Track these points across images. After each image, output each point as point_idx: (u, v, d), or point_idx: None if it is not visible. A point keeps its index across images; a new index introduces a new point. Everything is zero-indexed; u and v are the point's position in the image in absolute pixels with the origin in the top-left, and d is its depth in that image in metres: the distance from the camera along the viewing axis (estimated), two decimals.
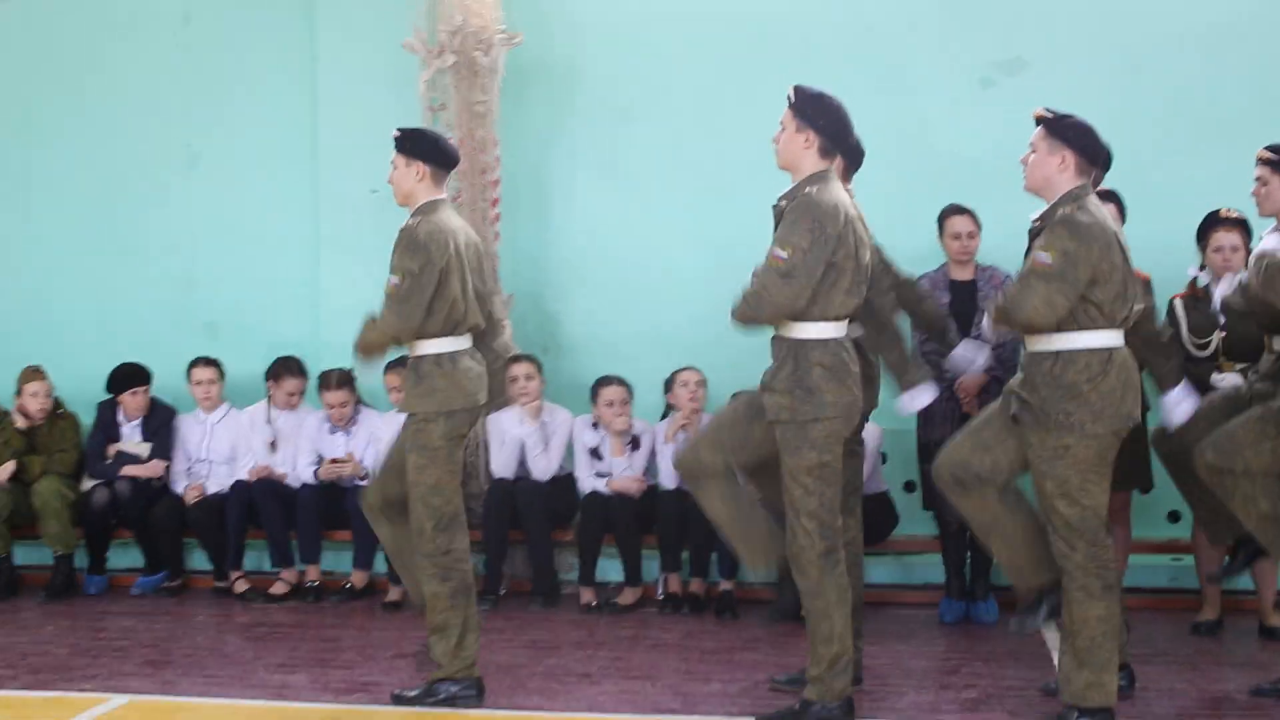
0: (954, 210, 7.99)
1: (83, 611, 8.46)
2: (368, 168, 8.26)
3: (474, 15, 8.41)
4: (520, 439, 8.48)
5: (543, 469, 8.45)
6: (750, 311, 5.78)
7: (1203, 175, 8.38)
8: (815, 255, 5.69)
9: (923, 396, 6.33)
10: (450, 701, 6.28)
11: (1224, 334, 7.38)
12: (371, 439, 8.66)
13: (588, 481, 8.40)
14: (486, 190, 8.60)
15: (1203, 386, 6.84)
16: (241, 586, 8.72)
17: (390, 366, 8.25)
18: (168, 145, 9.60)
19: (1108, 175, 6.13)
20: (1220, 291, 6.95)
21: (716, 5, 8.96)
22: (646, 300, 8.86)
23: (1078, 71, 8.66)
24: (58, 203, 9.75)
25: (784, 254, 5.68)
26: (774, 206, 5.89)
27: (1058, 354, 5.56)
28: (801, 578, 5.85)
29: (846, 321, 5.86)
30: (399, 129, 6.38)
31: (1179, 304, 7.60)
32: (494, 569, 8.43)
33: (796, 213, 5.72)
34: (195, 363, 9.04)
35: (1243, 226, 7.48)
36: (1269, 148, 6.36)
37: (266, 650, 7.47)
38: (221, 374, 9.08)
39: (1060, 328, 5.54)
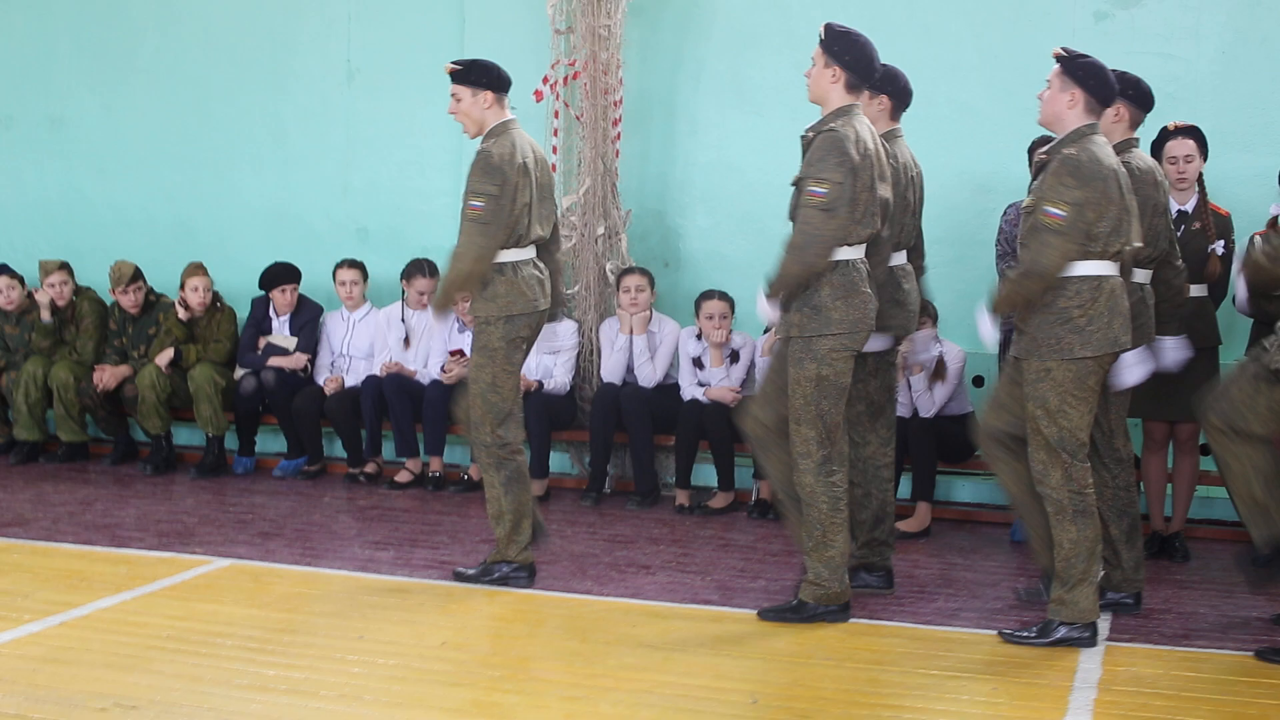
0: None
1: (226, 488, 9.25)
2: (523, 79, 8.86)
3: None
4: (629, 347, 8.93)
5: (648, 376, 8.92)
6: (798, 260, 6.10)
7: None
8: (848, 186, 6.03)
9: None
10: (503, 580, 6.83)
11: None
12: None
13: (689, 390, 8.82)
14: (609, 110, 9.05)
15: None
16: (371, 469, 9.36)
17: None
18: (330, 61, 10.23)
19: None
20: None
21: None
22: (763, 221, 9.18)
23: (1191, 4, 8.69)
24: (231, 112, 10.48)
25: (822, 190, 6.01)
26: (801, 137, 6.23)
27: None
28: (799, 485, 6.22)
29: (861, 246, 6.17)
30: (455, 62, 6.82)
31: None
32: (598, 468, 8.95)
33: (824, 148, 6.07)
34: (341, 264, 9.71)
35: (1196, 135, 7.53)
36: None
37: (369, 529, 8.13)
38: (365, 275, 9.72)
39: None
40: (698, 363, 8.87)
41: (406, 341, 9.49)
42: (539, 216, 6.75)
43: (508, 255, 6.65)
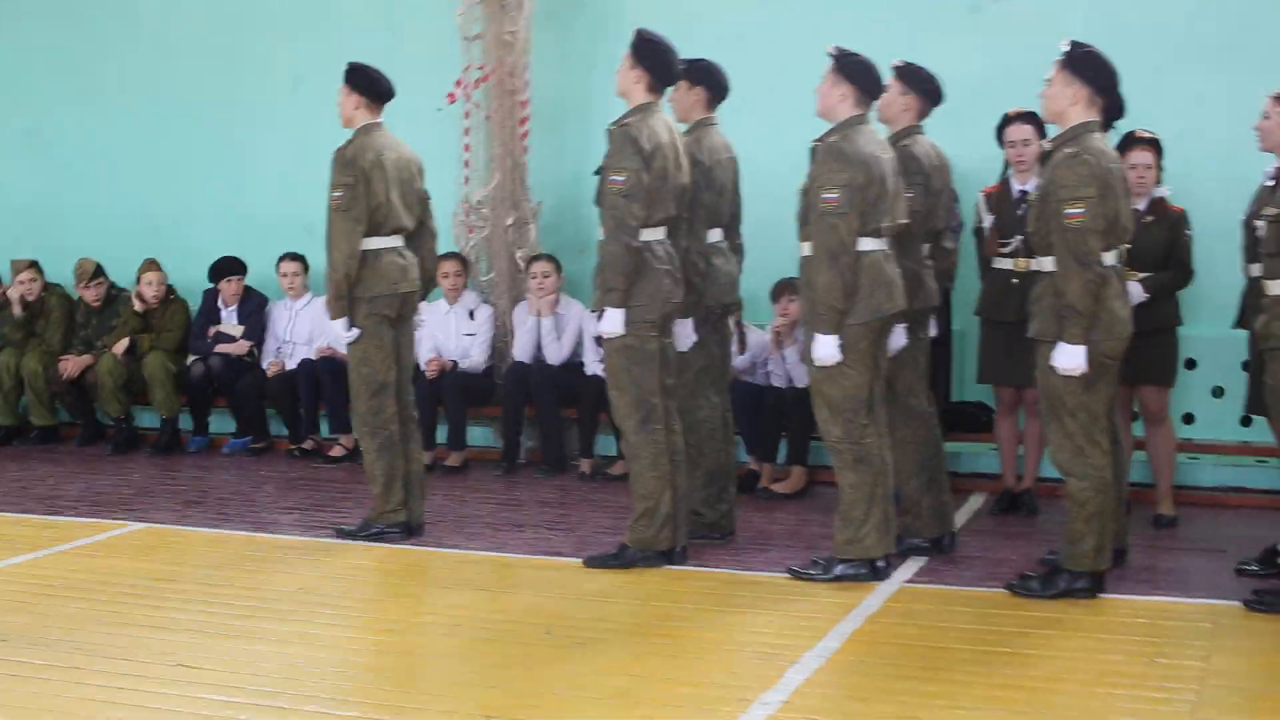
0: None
1: (177, 464, 10.08)
2: (428, 88, 9.77)
3: None
4: (537, 327, 9.65)
5: (555, 354, 9.63)
6: (614, 243, 6.76)
7: (1181, 96, 8.96)
8: (643, 174, 6.71)
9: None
10: (378, 536, 7.58)
11: (1129, 246, 8.00)
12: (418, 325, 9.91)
13: (592, 366, 9.52)
14: (515, 110, 9.78)
15: None
16: (309, 445, 10.16)
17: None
18: (276, 71, 11.03)
19: None
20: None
21: None
22: None
23: (1057, 2, 9.29)
24: (188, 121, 11.29)
25: (621, 178, 6.73)
26: (607, 131, 6.94)
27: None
28: (623, 442, 6.94)
29: (660, 228, 6.87)
30: (349, 63, 7.58)
31: None
32: (510, 440, 9.68)
33: (619, 142, 6.82)
34: (283, 257, 10.50)
35: (1155, 146, 8.11)
36: None
37: (283, 497, 8.93)
38: (306, 267, 10.50)
39: None
40: (600, 341, 9.54)
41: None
42: (401, 208, 7.47)
43: (370, 243, 7.39)
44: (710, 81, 7.38)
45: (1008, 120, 8.17)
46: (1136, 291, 7.70)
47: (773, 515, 8.34)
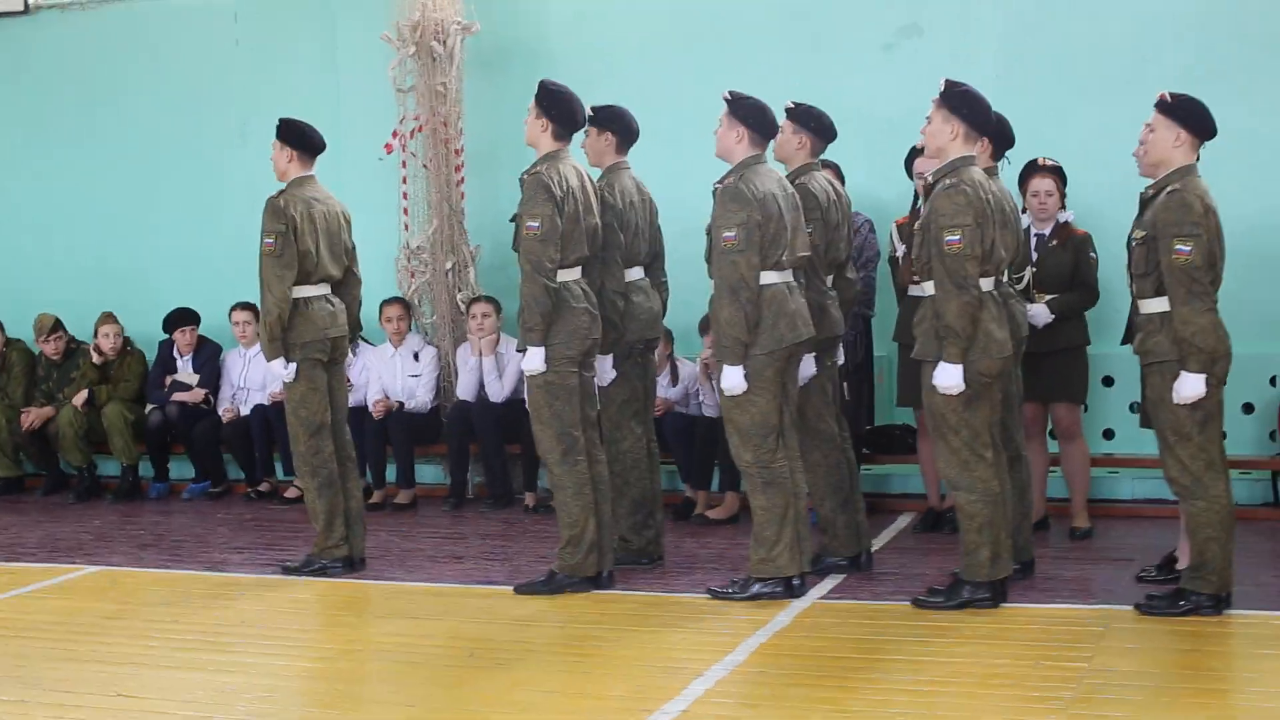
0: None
1: (137, 511, 10.42)
2: (370, 138, 10.26)
3: (433, 10, 9.94)
4: (479, 367, 10.01)
5: (497, 392, 9.98)
6: (532, 284, 7.14)
7: (1086, 126, 9.37)
8: (556, 218, 7.13)
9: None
10: (321, 571, 7.91)
11: (1035, 270, 8.39)
12: (365, 368, 10.28)
13: None
14: (450, 158, 10.17)
15: None
16: (265, 487, 10.50)
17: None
18: (226, 123, 11.40)
19: None
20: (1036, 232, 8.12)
21: None
22: None
23: (969, 36, 9.73)
24: (144, 174, 11.67)
25: (536, 224, 7.09)
26: (520, 179, 7.33)
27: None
28: (548, 473, 7.29)
29: (575, 269, 7.25)
30: (281, 119, 7.96)
31: None
32: (457, 477, 10.03)
33: (531, 189, 7.24)
34: (235, 306, 10.84)
35: (1057, 174, 8.50)
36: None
37: (236, 538, 9.27)
38: (258, 315, 10.80)
39: None
40: None
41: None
42: (328, 259, 7.84)
43: (300, 291, 7.76)
44: (619, 126, 7.77)
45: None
46: (1042, 313, 8.10)
47: (704, 540, 8.68)
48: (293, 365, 7.78)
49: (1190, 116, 6.59)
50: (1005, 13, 9.77)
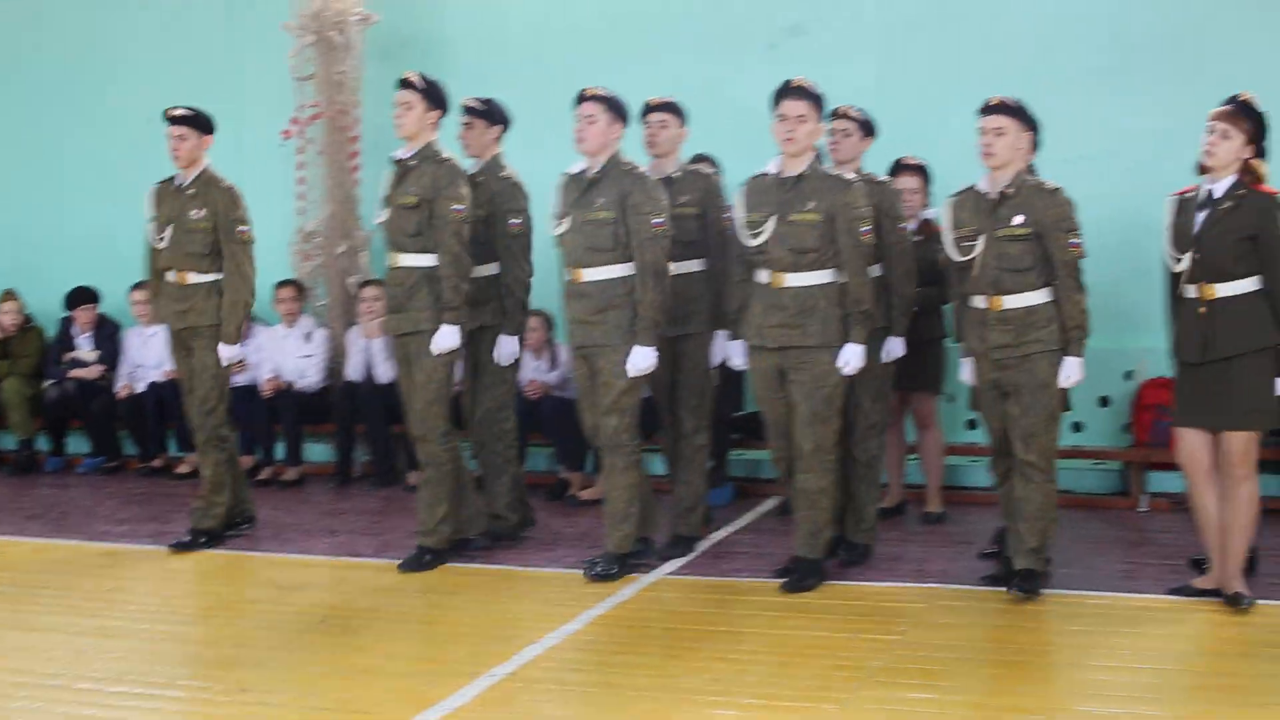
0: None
1: (33, 484, 10.68)
2: (271, 125, 10.57)
3: (333, 0, 10.23)
4: (367, 349, 10.31)
5: (385, 374, 10.28)
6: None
7: (954, 126, 9.71)
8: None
9: None
10: (210, 544, 8.23)
11: None
12: (258, 348, 10.58)
13: None
14: (346, 145, 10.48)
15: None
16: (159, 464, 10.78)
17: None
18: (130, 110, 11.63)
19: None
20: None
21: None
22: None
23: (852, 36, 10.12)
24: (44, 153, 11.95)
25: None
26: (397, 161, 7.61)
27: None
28: (427, 448, 7.66)
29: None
30: (190, 109, 8.19)
31: None
32: (343, 455, 10.34)
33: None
34: (135, 285, 11.10)
35: (921, 172, 8.87)
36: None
37: (125, 511, 9.54)
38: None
39: None
40: None
41: None
42: None
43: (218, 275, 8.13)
44: (504, 119, 8.09)
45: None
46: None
47: (573, 519, 9.00)
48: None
49: (1031, 118, 6.96)
50: (886, 13, 10.16)
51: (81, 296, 11.18)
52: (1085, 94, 9.65)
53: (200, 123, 8.20)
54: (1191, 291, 6.70)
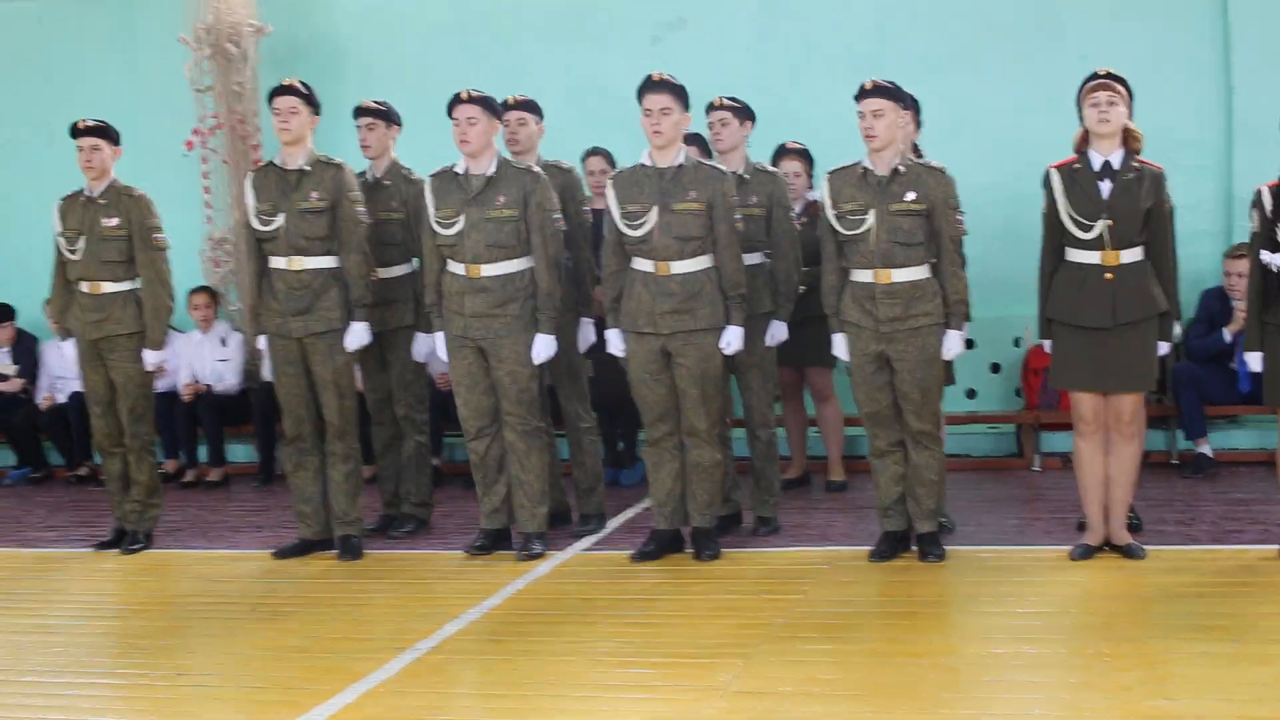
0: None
1: None
2: (172, 136, 10.91)
3: (227, 13, 10.52)
4: None
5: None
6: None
7: (834, 110, 10.11)
8: None
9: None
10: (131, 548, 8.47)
11: None
12: (175, 354, 10.82)
13: None
14: (249, 153, 10.76)
15: None
16: (84, 471, 11.01)
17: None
18: (34, 123, 11.86)
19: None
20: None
21: None
22: None
23: (728, 26, 10.53)
24: None
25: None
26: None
27: None
28: (342, 441, 7.99)
29: None
30: (99, 121, 8.40)
31: None
32: (265, 455, 10.65)
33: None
34: (48, 300, 11.27)
35: (804, 156, 9.25)
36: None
37: (53, 518, 9.78)
38: None
39: None
40: None
41: None
42: None
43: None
44: (399, 121, 8.41)
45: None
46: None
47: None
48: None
49: (907, 97, 7.37)
50: (760, 3, 10.54)
51: None
52: (949, 73, 10.12)
53: (110, 134, 8.41)
54: (1095, 258, 7.01)
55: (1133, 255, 6.99)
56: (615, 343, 7.60)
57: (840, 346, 7.43)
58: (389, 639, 6.33)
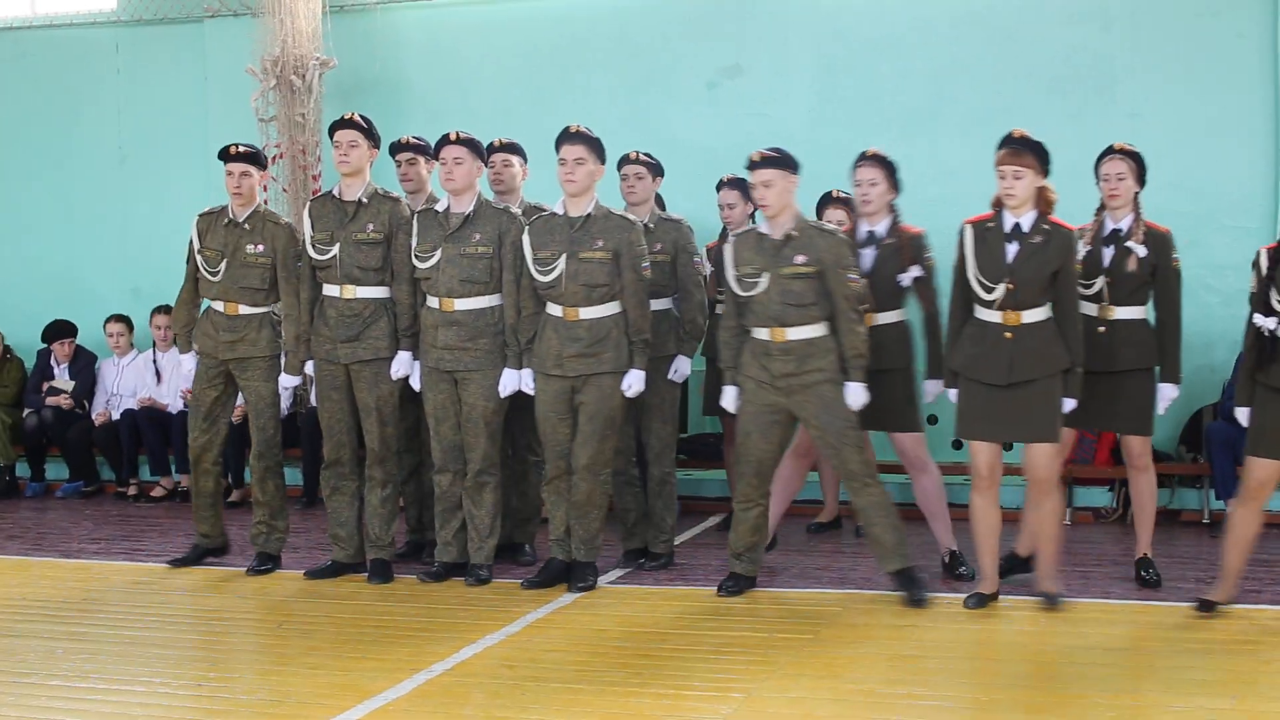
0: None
1: (12, 508, 11.15)
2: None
3: (293, 46, 10.80)
4: None
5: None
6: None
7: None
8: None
9: None
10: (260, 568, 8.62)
11: None
12: None
13: None
14: (309, 183, 11.02)
15: None
16: (133, 490, 11.28)
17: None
18: (104, 146, 12.21)
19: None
20: None
21: (509, 23, 11.26)
22: None
23: (784, 75, 10.67)
24: (24, 193, 12.46)
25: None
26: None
27: None
28: (383, 469, 8.25)
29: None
30: (249, 146, 8.60)
31: None
32: (309, 479, 10.80)
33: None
34: (109, 319, 11.64)
35: (848, 204, 9.34)
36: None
37: (100, 532, 10.03)
38: (131, 327, 11.67)
39: None
40: None
41: (159, 378, 11.40)
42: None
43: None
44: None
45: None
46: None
47: None
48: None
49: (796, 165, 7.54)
50: (817, 54, 10.72)
51: (59, 330, 11.69)
52: (999, 128, 10.04)
53: (260, 160, 8.57)
54: (996, 317, 7.21)
55: (1035, 315, 7.18)
56: (527, 382, 7.85)
57: (729, 398, 7.68)
58: (407, 660, 6.51)
